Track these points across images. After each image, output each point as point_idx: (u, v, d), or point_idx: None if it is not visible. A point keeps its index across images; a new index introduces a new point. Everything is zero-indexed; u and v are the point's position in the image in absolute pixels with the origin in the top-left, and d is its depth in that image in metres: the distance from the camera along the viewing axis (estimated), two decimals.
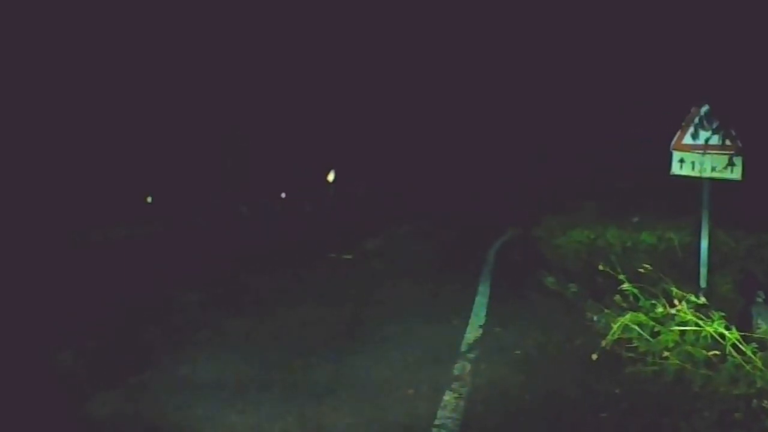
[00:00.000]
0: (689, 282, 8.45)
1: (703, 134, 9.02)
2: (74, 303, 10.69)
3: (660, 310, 6.92)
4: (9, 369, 7.12)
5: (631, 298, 7.46)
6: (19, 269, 14.09)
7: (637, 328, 6.86)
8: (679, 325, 6.57)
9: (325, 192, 41.78)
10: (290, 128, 40.63)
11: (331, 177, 41.88)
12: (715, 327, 6.30)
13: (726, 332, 6.20)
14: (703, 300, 7.07)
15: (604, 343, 6.94)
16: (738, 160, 8.93)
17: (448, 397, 6.24)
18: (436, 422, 5.72)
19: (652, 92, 20.96)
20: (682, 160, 9.24)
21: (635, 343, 6.81)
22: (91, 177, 28.83)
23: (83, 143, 28.76)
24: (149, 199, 34.21)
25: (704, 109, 9.09)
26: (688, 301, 6.83)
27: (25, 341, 8.28)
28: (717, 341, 6.23)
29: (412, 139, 48.17)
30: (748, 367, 5.86)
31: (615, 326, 6.99)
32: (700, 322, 6.45)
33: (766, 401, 5.40)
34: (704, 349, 6.22)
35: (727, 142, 8.90)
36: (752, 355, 5.95)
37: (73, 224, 22.59)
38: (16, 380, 6.76)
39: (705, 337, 6.33)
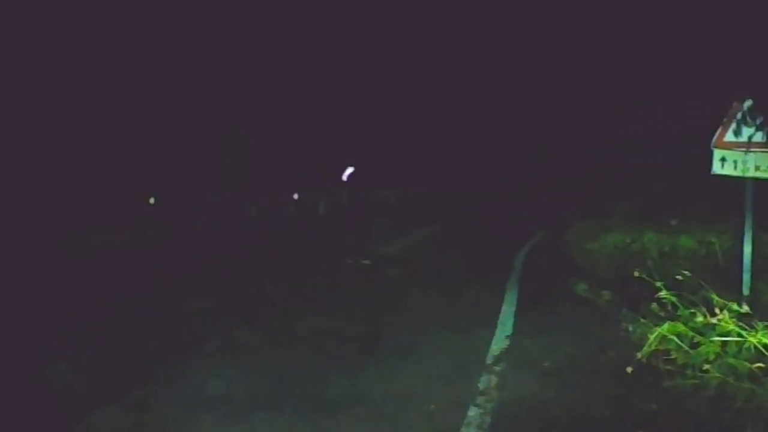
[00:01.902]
0: (731, 289, 8.38)
1: (746, 131, 8.94)
2: (72, 310, 10.76)
3: (700, 319, 6.89)
4: (1, 380, 7.18)
5: (668, 306, 7.43)
6: (14, 274, 14.17)
7: (675, 338, 6.82)
8: (720, 336, 6.54)
9: (340, 193, 41.81)
10: (303, 127, 40.70)
11: (346, 177, 41.91)
12: (759, 338, 6.27)
13: None
14: (746, 309, 7.01)
15: (639, 355, 6.92)
16: None
17: (472, 412, 6.24)
18: None
19: (690, 87, 20.90)
20: (723, 159, 9.17)
21: (673, 355, 6.77)
22: (91, 177, 28.96)
23: (83, 144, 28.90)
24: (151, 201, 34.30)
25: (747, 103, 9.01)
26: (730, 310, 6.79)
27: (20, 351, 8.33)
28: (761, 353, 6.19)
29: (433, 139, 48.12)
30: None
31: (651, 337, 6.96)
32: (743, 333, 6.41)
33: None
34: (748, 362, 6.18)
35: None
36: None
37: (72, 226, 22.71)
38: (9, 393, 6.80)
39: (748, 348, 6.29)
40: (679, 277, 7.72)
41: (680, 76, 23.20)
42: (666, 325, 6.95)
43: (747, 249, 9.02)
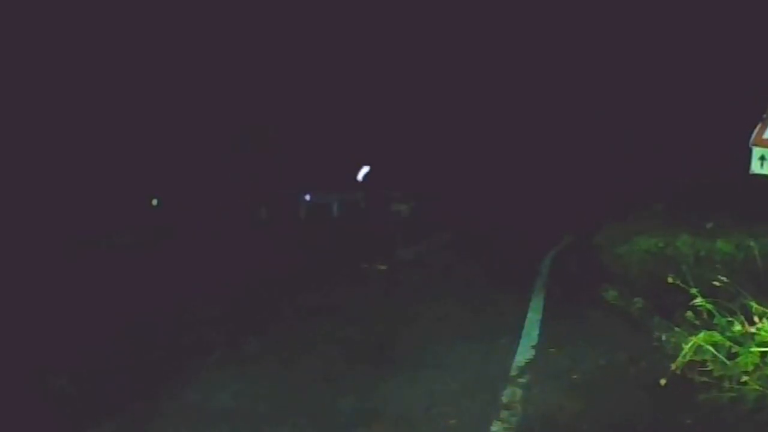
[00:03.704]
0: None
1: None
2: (71, 319, 10.80)
3: (738, 328, 6.87)
4: None
5: (704, 314, 7.41)
6: (10, 280, 14.21)
7: (711, 349, 6.81)
8: (759, 346, 6.52)
9: (354, 193, 41.75)
10: (315, 125, 40.73)
11: (361, 176, 41.86)
12: None
13: None
14: None
15: (674, 366, 6.91)
16: None
17: (495, 428, 6.24)
18: None
19: (728, 82, 20.87)
20: (762, 158, 9.15)
21: (709, 366, 6.76)
22: (91, 178, 29.06)
23: (83, 142, 29.03)
24: (154, 202, 34.35)
25: None
26: None
27: (16, 362, 8.37)
28: None
29: (455, 134, 48.01)
30: None
31: (686, 347, 6.94)
32: None
33: None
34: None
35: None
36: None
37: (71, 230, 22.78)
38: (4, 407, 6.83)
39: None
40: (716, 284, 7.70)
41: (718, 70, 23.19)
42: (701, 335, 6.94)
43: None
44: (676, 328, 7.91)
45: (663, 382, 6.72)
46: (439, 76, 45.74)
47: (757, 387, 6.19)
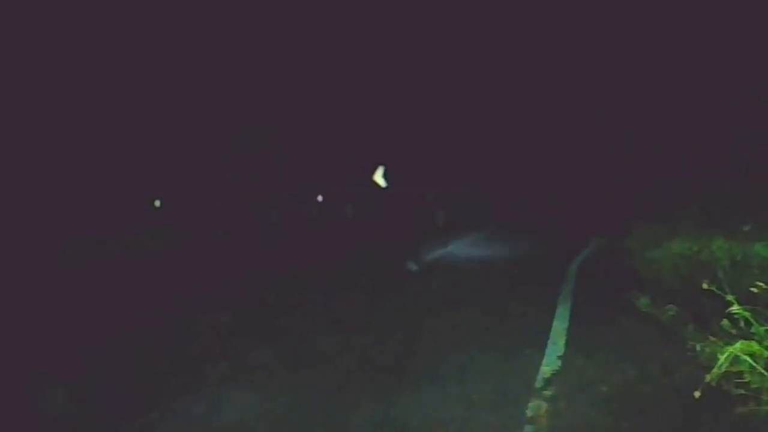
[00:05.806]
0: None
1: None
2: (70, 328, 10.83)
3: None
4: None
5: (741, 323, 7.38)
6: (6, 285, 14.27)
7: (748, 359, 6.79)
8: None
9: (370, 194, 41.79)
10: (328, 120, 40.77)
11: (377, 176, 41.89)
12: None
13: None
14: None
15: (708, 377, 6.88)
16: None
17: None
18: None
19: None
20: None
21: (746, 378, 6.73)
22: (91, 179, 29.15)
23: (83, 141, 29.13)
24: (157, 204, 34.42)
25: None
26: None
27: (11, 374, 8.40)
28: None
29: (477, 132, 47.96)
30: None
31: (722, 357, 6.92)
32: None
33: None
34: None
35: None
36: None
37: (69, 233, 22.84)
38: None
39: None
40: (754, 290, 7.67)
41: (755, 64, 23.11)
42: (738, 344, 6.91)
43: None
44: (711, 338, 7.88)
45: (697, 394, 6.70)
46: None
47: None
